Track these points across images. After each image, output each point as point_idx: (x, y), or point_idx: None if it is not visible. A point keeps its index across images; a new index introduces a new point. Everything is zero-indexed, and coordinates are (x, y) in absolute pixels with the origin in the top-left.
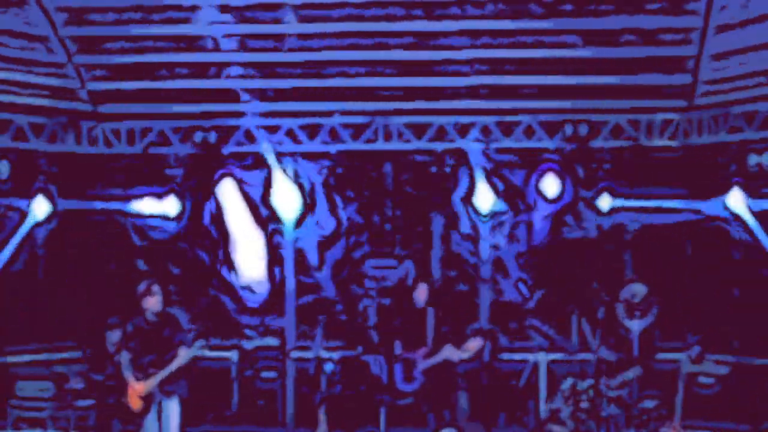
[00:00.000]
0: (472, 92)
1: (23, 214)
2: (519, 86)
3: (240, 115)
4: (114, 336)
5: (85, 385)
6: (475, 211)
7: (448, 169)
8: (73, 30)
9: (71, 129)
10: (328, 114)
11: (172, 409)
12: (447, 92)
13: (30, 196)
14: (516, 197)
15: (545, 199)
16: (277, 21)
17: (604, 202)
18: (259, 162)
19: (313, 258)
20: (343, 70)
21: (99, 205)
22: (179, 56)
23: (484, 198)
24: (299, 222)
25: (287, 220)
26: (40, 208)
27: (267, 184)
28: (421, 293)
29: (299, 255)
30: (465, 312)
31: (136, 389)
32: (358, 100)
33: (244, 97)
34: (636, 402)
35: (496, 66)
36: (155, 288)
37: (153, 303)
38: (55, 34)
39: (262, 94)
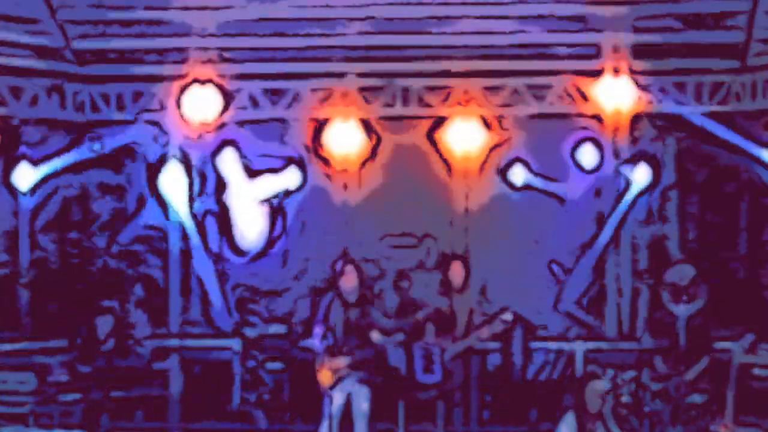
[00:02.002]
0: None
1: None
2: (551, 44)
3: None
4: (105, 323)
5: (70, 378)
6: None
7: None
8: None
9: (55, 93)
10: (341, 75)
11: (362, 395)
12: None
13: None
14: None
15: (582, 169)
16: None
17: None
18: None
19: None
20: (356, 27)
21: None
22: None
23: (516, 170)
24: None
25: (291, 191)
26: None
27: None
28: (457, 272)
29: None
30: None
31: (327, 365)
32: (373, 61)
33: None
34: (683, 396)
35: (525, 24)
36: (348, 268)
37: (347, 283)
38: None
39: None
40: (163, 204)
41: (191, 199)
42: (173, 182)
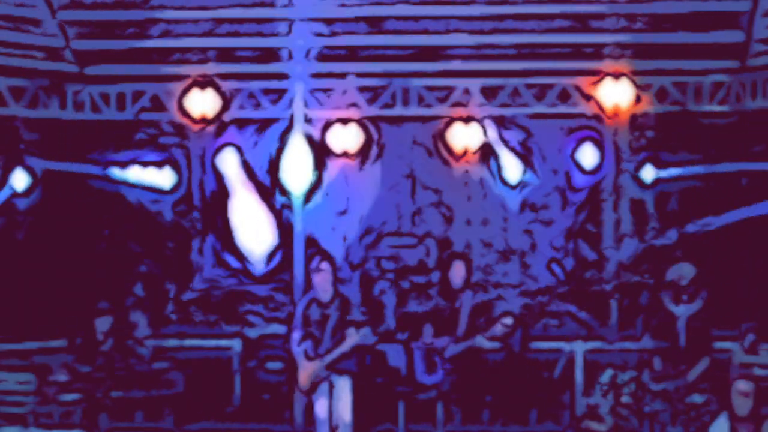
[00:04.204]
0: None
1: None
2: (551, 45)
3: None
4: (103, 324)
5: (70, 378)
6: (504, 183)
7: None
8: None
9: (55, 93)
10: (341, 76)
11: (344, 386)
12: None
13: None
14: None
15: (582, 170)
16: None
17: (648, 173)
18: (263, 129)
19: (324, 236)
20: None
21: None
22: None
23: (513, 169)
24: (309, 196)
25: (296, 194)
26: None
27: (277, 154)
28: (458, 272)
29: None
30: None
31: (306, 369)
32: (373, 61)
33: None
34: (683, 396)
35: (525, 24)
36: (324, 265)
37: (322, 280)
38: None
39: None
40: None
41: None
42: None
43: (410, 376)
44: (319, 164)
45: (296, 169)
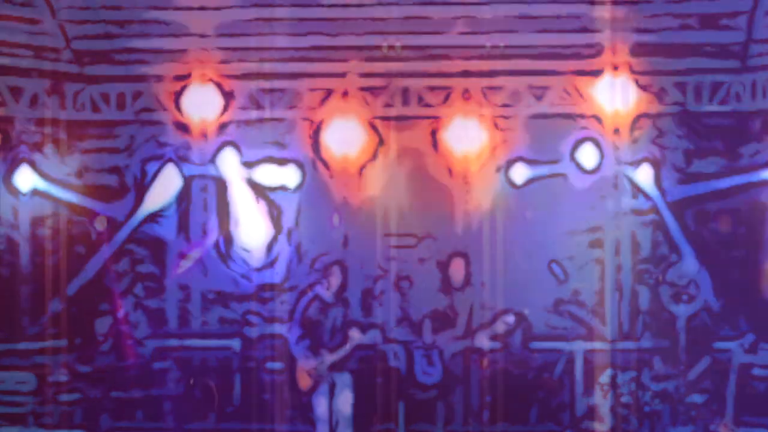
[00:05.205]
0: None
1: None
2: (548, 45)
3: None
4: (103, 324)
5: (70, 378)
6: (508, 182)
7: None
8: None
9: (55, 93)
10: (341, 76)
11: (344, 386)
12: (470, 52)
13: None
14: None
15: (582, 170)
16: None
17: (644, 174)
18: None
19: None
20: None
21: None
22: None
23: (518, 169)
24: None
25: (294, 193)
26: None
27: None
28: (458, 269)
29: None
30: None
31: (306, 368)
32: (372, 61)
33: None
34: (683, 396)
35: (526, 24)
36: (335, 269)
37: (332, 283)
38: None
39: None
40: None
41: None
42: None
43: (410, 376)
44: (318, 164)
45: (295, 168)
